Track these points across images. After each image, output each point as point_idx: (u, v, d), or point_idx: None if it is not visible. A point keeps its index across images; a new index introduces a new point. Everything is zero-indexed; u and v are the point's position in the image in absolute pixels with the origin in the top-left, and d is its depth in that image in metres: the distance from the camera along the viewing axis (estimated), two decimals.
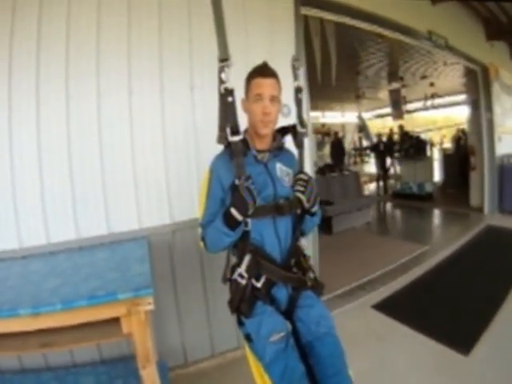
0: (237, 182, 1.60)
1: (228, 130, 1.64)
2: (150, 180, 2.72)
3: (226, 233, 1.61)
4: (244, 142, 1.71)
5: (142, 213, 2.70)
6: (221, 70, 1.65)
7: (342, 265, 4.91)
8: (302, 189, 1.72)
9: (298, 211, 1.79)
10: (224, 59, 1.65)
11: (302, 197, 1.72)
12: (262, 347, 1.58)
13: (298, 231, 1.82)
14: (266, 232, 1.71)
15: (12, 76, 2.43)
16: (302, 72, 2.00)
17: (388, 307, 3.69)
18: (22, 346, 1.89)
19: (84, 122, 2.56)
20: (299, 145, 1.87)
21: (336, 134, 14.68)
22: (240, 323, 1.71)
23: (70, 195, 2.54)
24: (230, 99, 1.65)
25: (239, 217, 1.57)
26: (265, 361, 1.56)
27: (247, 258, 1.67)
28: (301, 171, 1.80)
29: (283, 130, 1.88)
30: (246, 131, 1.78)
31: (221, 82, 1.65)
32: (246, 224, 1.66)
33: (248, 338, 1.67)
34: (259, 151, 1.77)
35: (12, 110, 2.44)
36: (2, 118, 2.42)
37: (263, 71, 1.71)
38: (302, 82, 1.97)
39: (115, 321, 1.84)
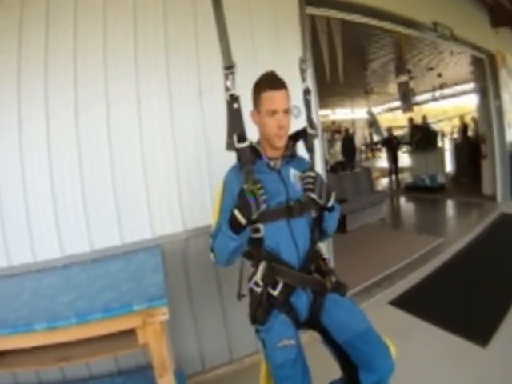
0: (244, 186, 1.57)
1: (235, 137, 1.65)
2: (161, 188, 2.70)
3: (231, 236, 1.58)
4: (255, 150, 1.73)
5: (154, 221, 2.69)
6: (226, 77, 1.66)
7: (358, 262, 4.87)
8: (310, 186, 1.69)
9: (313, 213, 1.78)
10: (229, 66, 1.66)
11: (313, 194, 1.69)
12: (272, 352, 1.58)
13: (315, 234, 1.79)
14: (282, 238, 1.67)
15: (20, 90, 2.45)
16: (309, 73, 1.97)
17: (405, 303, 3.66)
18: (39, 361, 1.90)
19: (93, 133, 2.56)
20: (310, 148, 1.86)
21: (347, 130, 14.59)
22: (257, 330, 1.70)
23: (82, 207, 2.55)
24: (235, 106, 1.66)
25: (242, 220, 1.54)
26: (274, 364, 1.57)
27: (262, 266, 1.64)
28: (307, 169, 1.76)
29: (294, 137, 1.86)
30: (258, 143, 1.79)
31: (226, 89, 1.66)
32: (259, 230, 1.65)
33: (263, 344, 1.67)
34: (271, 158, 1.76)
35: (22, 122, 2.45)
36: (12, 133, 2.45)
37: (274, 84, 1.67)
38: (310, 83, 1.93)
39: (131, 332, 1.83)
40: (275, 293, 1.63)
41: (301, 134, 1.86)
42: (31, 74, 2.46)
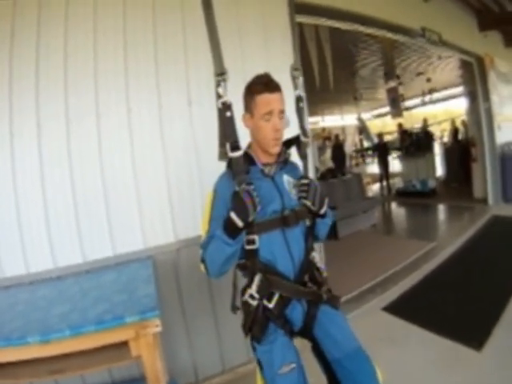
0: (237, 188, 1.54)
1: (228, 146, 1.59)
2: (152, 198, 2.70)
3: (226, 241, 1.50)
4: (247, 157, 1.68)
5: (145, 232, 2.68)
6: (217, 84, 1.62)
7: (350, 269, 4.88)
8: (304, 194, 1.66)
9: (308, 222, 1.74)
10: (220, 73, 1.62)
11: (307, 202, 1.66)
12: (273, 378, 1.53)
13: (310, 243, 1.75)
14: (277, 248, 1.63)
15: (12, 101, 2.46)
16: (301, 81, 1.97)
17: (398, 308, 3.67)
18: (33, 374, 1.88)
19: (84, 144, 2.57)
20: (303, 156, 1.84)
21: (337, 137, 14.64)
22: (253, 348, 1.66)
23: (74, 218, 2.55)
24: (228, 114, 1.60)
25: (239, 222, 1.48)
26: None
27: (257, 278, 1.59)
28: (300, 177, 1.75)
29: (287, 143, 1.83)
30: (249, 146, 1.76)
31: (218, 96, 1.62)
32: (254, 242, 1.58)
33: (259, 363, 1.63)
34: (265, 164, 1.72)
35: (13, 134, 2.46)
36: (5, 144, 2.45)
37: (269, 86, 1.62)
38: (302, 90, 1.94)
39: (124, 344, 1.83)
40: (271, 305, 1.58)
41: (294, 142, 1.85)
42: (23, 84, 2.47)
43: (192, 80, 2.79)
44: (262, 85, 1.62)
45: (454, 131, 11.28)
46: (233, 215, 1.49)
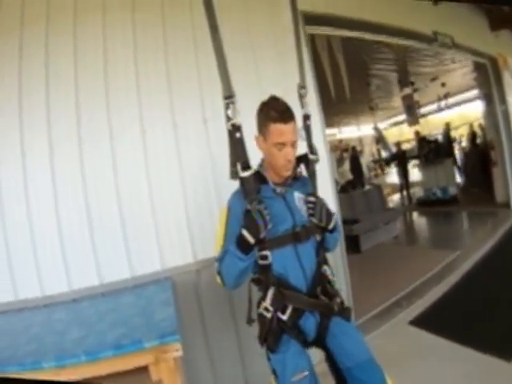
0: (248, 206, 1.59)
1: (238, 166, 1.64)
2: (169, 219, 2.67)
3: (239, 256, 1.58)
4: (259, 175, 1.73)
5: (163, 253, 2.64)
6: (226, 106, 1.65)
7: (374, 283, 4.78)
8: (311, 211, 1.70)
9: (318, 237, 1.78)
10: (228, 96, 1.66)
11: (314, 219, 1.71)
12: None
13: (321, 257, 1.80)
14: (289, 263, 1.68)
15: (23, 118, 2.48)
16: (313, 97, 1.96)
17: (425, 322, 3.58)
18: None
19: (98, 166, 2.57)
20: (311, 173, 1.89)
21: (353, 148, 14.55)
22: (268, 357, 1.72)
23: (90, 240, 2.53)
24: (237, 135, 1.65)
25: (251, 239, 1.55)
26: None
27: (271, 292, 1.66)
28: (308, 194, 1.77)
29: (297, 159, 1.83)
30: (261, 164, 1.79)
31: (228, 118, 1.65)
32: (267, 257, 1.65)
33: (274, 373, 1.68)
34: (276, 184, 1.75)
35: (25, 155, 2.47)
36: (17, 165, 2.46)
37: (284, 117, 1.63)
38: (313, 106, 1.92)
39: (144, 369, 1.79)
40: (284, 317, 1.64)
41: (302, 159, 1.87)
42: (33, 99, 2.49)
43: (206, 97, 2.77)
44: (278, 113, 1.63)
45: (472, 135, 11.14)
46: (245, 232, 1.56)
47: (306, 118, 1.94)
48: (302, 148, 1.84)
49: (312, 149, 1.89)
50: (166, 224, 2.65)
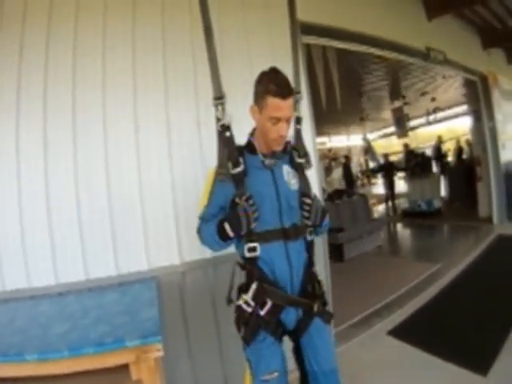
0: (237, 200, 1.62)
1: (229, 165, 1.67)
2: (158, 219, 2.67)
3: (217, 241, 1.68)
4: (250, 144, 1.78)
5: (150, 253, 2.64)
6: (216, 107, 1.71)
7: (356, 292, 4.82)
8: (306, 214, 1.72)
9: (309, 236, 1.79)
10: (219, 97, 1.72)
11: (309, 222, 1.73)
12: (258, 381, 1.68)
13: (312, 256, 1.82)
14: (277, 259, 1.69)
15: (20, 121, 2.47)
16: (305, 103, 2.00)
17: (404, 332, 3.61)
18: None
19: (90, 162, 2.55)
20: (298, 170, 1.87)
21: (346, 157, 14.64)
22: (244, 348, 1.76)
23: (78, 234, 2.51)
24: (227, 134, 1.70)
25: (230, 233, 1.62)
26: None
27: (254, 286, 1.67)
28: (303, 194, 1.76)
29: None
30: (253, 133, 1.81)
31: (217, 119, 1.71)
32: (255, 249, 1.66)
33: (249, 361, 1.76)
34: (265, 155, 1.76)
35: (19, 152, 2.45)
36: (10, 160, 2.44)
37: (284, 92, 1.61)
38: (305, 111, 1.96)
39: (124, 367, 1.79)
40: (262, 313, 1.66)
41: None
42: (30, 97, 2.48)
43: (201, 101, 2.78)
44: (278, 87, 1.60)
45: (459, 150, 11.30)
46: (226, 225, 1.63)
47: (298, 121, 1.96)
48: None
49: (299, 152, 1.87)
50: (154, 224, 2.65)
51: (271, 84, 1.61)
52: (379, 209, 12.17)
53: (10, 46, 2.47)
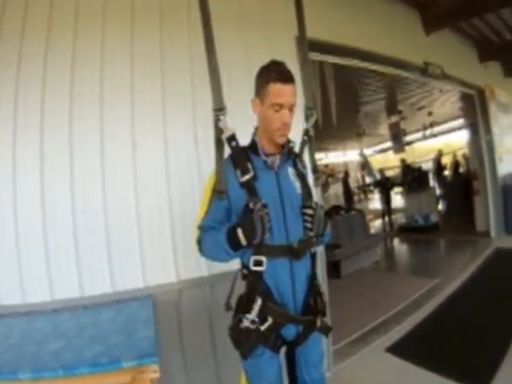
0: (251, 205, 1.54)
1: (238, 173, 1.64)
2: (154, 237, 2.65)
3: (227, 251, 1.58)
4: (253, 144, 1.74)
5: (146, 270, 2.61)
6: (217, 119, 1.67)
7: (353, 309, 4.78)
8: (309, 225, 1.67)
9: (313, 249, 1.76)
10: (219, 108, 1.68)
11: (311, 233, 1.69)
12: None
13: (315, 269, 1.78)
14: (281, 277, 1.64)
15: (17, 133, 2.47)
16: (314, 119, 1.97)
17: (402, 349, 3.58)
18: None
19: (87, 177, 2.54)
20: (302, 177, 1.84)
21: (346, 172, 14.68)
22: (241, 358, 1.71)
23: (74, 251, 2.50)
24: (233, 144, 1.68)
25: (243, 241, 1.53)
26: None
27: (258, 303, 1.61)
28: (304, 206, 1.71)
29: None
30: (255, 133, 1.77)
31: (219, 131, 1.67)
32: (261, 263, 1.60)
33: (245, 370, 1.73)
34: (268, 154, 1.72)
35: (15, 165, 2.45)
36: (7, 172, 2.44)
37: (285, 76, 1.60)
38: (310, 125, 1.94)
39: None
40: (262, 328, 1.61)
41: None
42: (27, 109, 2.49)
43: (199, 117, 2.78)
44: (277, 73, 1.60)
45: (455, 164, 11.34)
46: (239, 232, 1.53)
47: (306, 132, 1.92)
48: None
49: (302, 163, 1.87)
50: (150, 242, 2.63)
51: (272, 72, 1.62)
52: (376, 224, 12.15)
53: (9, 57, 2.49)
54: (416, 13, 5.69)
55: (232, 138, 1.67)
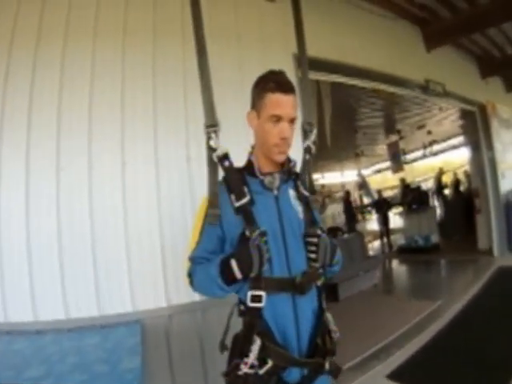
0: (247, 233, 1.36)
1: (233, 197, 1.44)
2: (144, 259, 2.56)
3: (220, 285, 1.37)
4: (249, 164, 1.55)
5: (135, 294, 2.52)
6: (209, 136, 1.53)
7: (352, 333, 4.56)
8: (314, 256, 1.44)
9: (319, 281, 1.52)
10: (211, 125, 1.55)
11: (317, 264, 1.45)
12: None
13: (323, 304, 1.53)
14: (283, 315, 1.42)
15: (2, 149, 2.45)
16: (314, 134, 1.81)
17: (403, 375, 3.45)
18: None
19: (74, 196, 2.50)
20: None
21: (347, 192, 14.63)
22: None
23: (59, 271, 2.44)
24: (226, 164, 1.50)
25: (238, 274, 1.33)
26: None
27: (257, 344, 1.37)
28: (307, 234, 1.49)
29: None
30: (252, 151, 1.58)
31: (211, 149, 1.52)
32: (260, 299, 1.37)
33: None
34: (266, 173, 1.52)
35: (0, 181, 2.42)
36: None
37: (284, 86, 1.44)
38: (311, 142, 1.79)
39: None
40: (261, 371, 1.37)
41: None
42: (13, 126, 2.47)
43: (191, 137, 2.72)
44: (276, 83, 1.44)
45: (456, 182, 11.32)
46: (233, 264, 1.34)
47: (307, 150, 1.73)
48: None
49: (311, 187, 1.65)
50: (140, 264, 2.55)
51: (270, 82, 1.45)
52: (375, 245, 12.06)
53: None
54: (417, 29, 5.68)
55: (224, 157, 1.50)
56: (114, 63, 2.63)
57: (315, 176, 16.17)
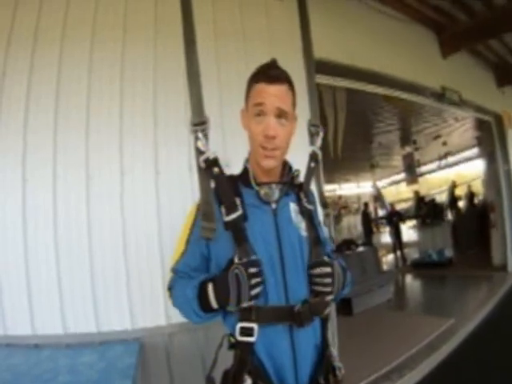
0: (236, 259, 1.17)
1: (223, 210, 1.25)
2: (143, 274, 2.46)
3: (195, 310, 1.20)
4: (245, 173, 1.35)
5: (134, 312, 2.42)
6: (196, 136, 1.32)
7: (364, 351, 4.50)
8: (328, 289, 1.24)
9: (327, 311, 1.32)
10: (199, 123, 1.33)
11: (329, 297, 1.26)
12: None
13: (326, 337, 1.33)
14: (278, 350, 1.20)
15: None
16: (320, 137, 1.63)
17: None
18: None
19: (72, 208, 2.43)
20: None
21: (366, 204, 14.46)
22: None
23: (57, 284, 2.38)
24: (215, 170, 1.28)
25: (214, 304, 1.16)
26: None
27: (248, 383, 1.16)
28: (315, 264, 1.27)
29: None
30: (247, 159, 1.39)
31: (198, 152, 1.30)
32: (251, 333, 1.17)
33: None
34: (261, 184, 1.32)
35: None
36: None
37: (269, 73, 1.25)
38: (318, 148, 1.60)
39: None
40: None
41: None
42: (9, 133, 2.45)
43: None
44: (262, 73, 1.27)
45: (470, 195, 11.10)
46: (210, 289, 1.16)
47: (313, 157, 1.52)
48: None
49: (309, 197, 1.42)
50: (139, 280, 2.45)
51: (258, 73, 1.28)
52: (388, 259, 11.83)
53: None
54: (433, 35, 5.56)
55: (213, 163, 1.29)
56: (112, 71, 2.59)
57: (331, 187, 16.06)
